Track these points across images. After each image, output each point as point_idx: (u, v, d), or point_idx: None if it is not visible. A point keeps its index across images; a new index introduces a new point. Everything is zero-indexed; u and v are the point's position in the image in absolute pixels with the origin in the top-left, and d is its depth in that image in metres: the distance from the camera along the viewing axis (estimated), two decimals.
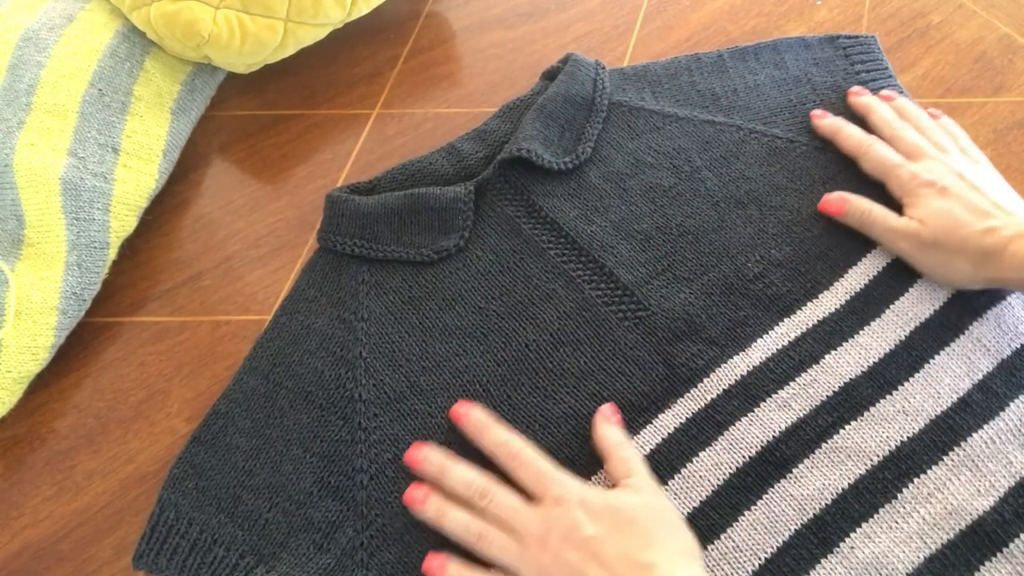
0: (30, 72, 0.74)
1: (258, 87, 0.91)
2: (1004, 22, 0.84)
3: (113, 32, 0.81)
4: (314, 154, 0.85)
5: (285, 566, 0.58)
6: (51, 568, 0.62)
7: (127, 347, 0.73)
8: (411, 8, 0.97)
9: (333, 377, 0.65)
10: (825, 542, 0.55)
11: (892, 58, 0.82)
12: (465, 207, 0.70)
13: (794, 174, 0.71)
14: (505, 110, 0.78)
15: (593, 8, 0.93)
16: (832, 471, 0.57)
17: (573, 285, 0.67)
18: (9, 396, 0.65)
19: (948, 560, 0.54)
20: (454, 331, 0.66)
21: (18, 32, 0.76)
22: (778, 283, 0.65)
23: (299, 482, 0.61)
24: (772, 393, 0.61)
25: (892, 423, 0.59)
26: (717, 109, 0.77)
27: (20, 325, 0.66)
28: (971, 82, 0.80)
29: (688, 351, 0.63)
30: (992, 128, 0.76)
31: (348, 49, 0.93)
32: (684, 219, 0.70)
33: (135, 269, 0.77)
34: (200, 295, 0.75)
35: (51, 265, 0.68)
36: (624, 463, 0.57)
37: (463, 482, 0.57)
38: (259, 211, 0.81)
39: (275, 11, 0.80)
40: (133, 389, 0.70)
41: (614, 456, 0.58)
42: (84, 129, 0.74)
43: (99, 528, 0.64)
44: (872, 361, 0.61)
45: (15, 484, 0.66)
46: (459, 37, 0.93)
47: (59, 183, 0.70)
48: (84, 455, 0.67)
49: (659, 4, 0.92)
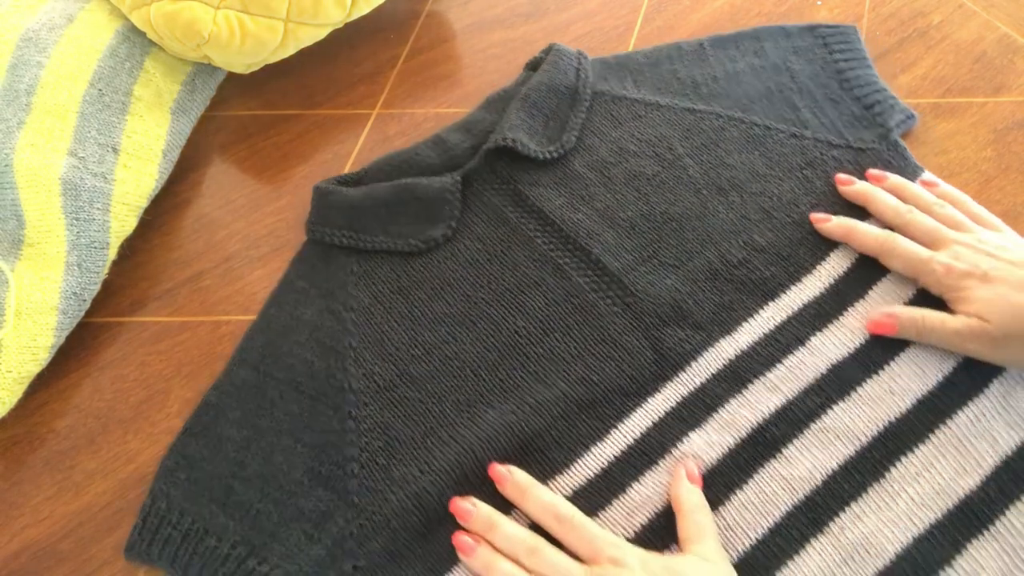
0: (30, 72, 0.73)
1: (258, 87, 0.91)
2: (1004, 22, 0.84)
3: (113, 32, 0.80)
4: (314, 154, 0.84)
5: (276, 556, 0.58)
6: (51, 568, 0.62)
7: (127, 347, 0.72)
8: (411, 8, 0.97)
9: (323, 367, 0.65)
10: (815, 522, 0.56)
11: (892, 58, 0.83)
12: (452, 197, 0.71)
13: (773, 160, 0.72)
14: (490, 100, 0.78)
15: (593, 8, 0.93)
16: (822, 452, 0.58)
17: (561, 272, 0.67)
18: (9, 396, 0.65)
19: (936, 539, 0.54)
20: (443, 319, 0.66)
21: (18, 32, 0.76)
22: (762, 268, 0.66)
23: (290, 472, 0.61)
24: (760, 375, 0.61)
25: (880, 403, 0.59)
26: (697, 97, 0.77)
27: (20, 325, 0.65)
28: (971, 82, 0.80)
29: (675, 336, 0.64)
30: (992, 128, 0.76)
31: (348, 49, 0.93)
32: (668, 206, 0.70)
33: (135, 269, 0.77)
34: (200, 295, 0.75)
35: (51, 265, 0.68)
36: (698, 527, 0.54)
37: (512, 539, 0.55)
38: (259, 211, 0.80)
39: (275, 11, 0.79)
40: (133, 389, 0.70)
41: (689, 519, 0.55)
42: (84, 129, 0.74)
43: (99, 528, 0.63)
44: (858, 342, 0.62)
45: (15, 484, 0.66)
46: (459, 37, 0.93)
47: (59, 183, 0.69)
48: (84, 455, 0.67)
49: (659, 4, 0.92)
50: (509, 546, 0.55)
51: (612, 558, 0.52)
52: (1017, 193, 0.71)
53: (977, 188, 0.72)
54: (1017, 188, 0.70)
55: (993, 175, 0.73)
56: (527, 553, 0.54)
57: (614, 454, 0.60)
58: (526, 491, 0.57)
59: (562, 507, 0.56)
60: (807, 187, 0.70)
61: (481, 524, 0.56)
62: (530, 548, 0.54)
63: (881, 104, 0.75)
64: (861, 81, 0.78)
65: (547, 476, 0.59)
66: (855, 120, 0.75)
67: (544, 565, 0.53)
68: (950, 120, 0.77)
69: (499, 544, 0.55)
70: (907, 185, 0.69)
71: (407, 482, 0.60)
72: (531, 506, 0.56)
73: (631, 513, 0.57)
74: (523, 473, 0.58)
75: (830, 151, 0.72)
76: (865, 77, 0.78)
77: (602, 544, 0.53)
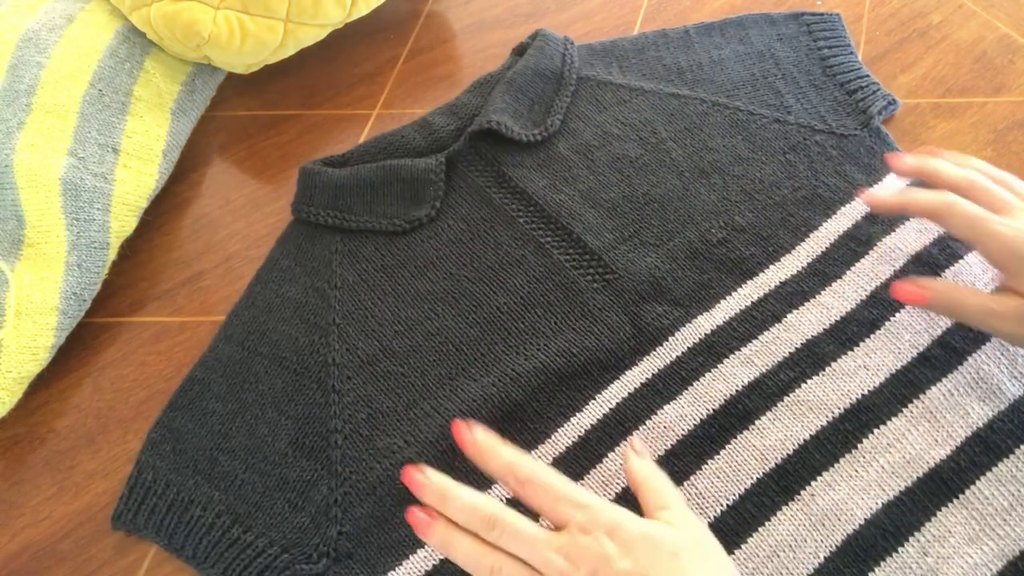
0: (30, 72, 0.74)
1: (258, 87, 0.92)
2: (1004, 22, 0.84)
3: (113, 32, 0.81)
4: (314, 154, 0.84)
5: (261, 525, 0.60)
6: (51, 568, 0.62)
7: (127, 347, 0.73)
8: (411, 8, 0.97)
9: (307, 343, 0.67)
10: (786, 490, 0.57)
11: (892, 58, 0.83)
12: (436, 178, 0.72)
13: (756, 145, 0.73)
14: (476, 84, 0.80)
15: (593, 8, 0.93)
16: (794, 423, 0.59)
17: (542, 251, 0.68)
18: (9, 396, 0.65)
19: (905, 506, 0.55)
20: (426, 296, 0.68)
21: (18, 32, 0.76)
22: (741, 247, 0.67)
23: (274, 443, 0.63)
24: (736, 350, 0.62)
25: (853, 378, 0.60)
26: (682, 83, 0.78)
27: (20, 325, 0.66)
28: (971, 82, 0.80)
29: (654, 311, 0.65)
30: (992, 128, 0.76)
31: (348, 49, 0.94)
32: (650, 188, 0.71)
33: (135, 269, 0.78)
34: (200, 295, 0.75)
35: (51, 265, 0.69)
36: (657, 494, 0.50)
37: (467, 509, 0.49)
38: (259, 211, 0.81)
39: (275, 11, 0.80)
40: (133, 389, 0.70)
41: (645, 486, 0.51)
42: (84, 129, 0.74)
43: (99, 528, 0.63)
44: (834, 319, 0.63)
45: (15, 484, 0.66)
46: (459, 37, 0.94)
47: (59, 183, 0.70)
48: (84, 455, 0.67)
49: (659, 4, 0.92)
50: (466, 519, 0.49)
51: (580, 524, 0.46)
52: None
53: None
54: None
55: None
56: (486, 526, 0.48)
57: (591, 423, 0.61)
58: (487, 453, 0.51)
59: (523, 466, 0.50)
60: (789, 171, 0.71)
61: (434, 496, 0.51)
62: (489, 519, 0.48)
63: (864, 91, 0.76)
64: (844, 68, 0.78)
65: (528, 446, 0.60)
66: (838, 106, 0.76)
67: (506, 538, 0.47)
68: (950, 120, 0.77)
69: (455, 517, 0.49)
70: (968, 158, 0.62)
71: (392, 452, 0.61)
72: (492, 467, 0.51)
73: (607, 482, 0.59)
74: (484, 433, 0.52)
75: (813, 136, 0.73)
76: (848, 64, 0.79)
77: (568, 508, 0.47)
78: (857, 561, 0.54)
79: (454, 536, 0.49)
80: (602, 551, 0.45)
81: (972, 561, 0.53)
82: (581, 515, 0.47)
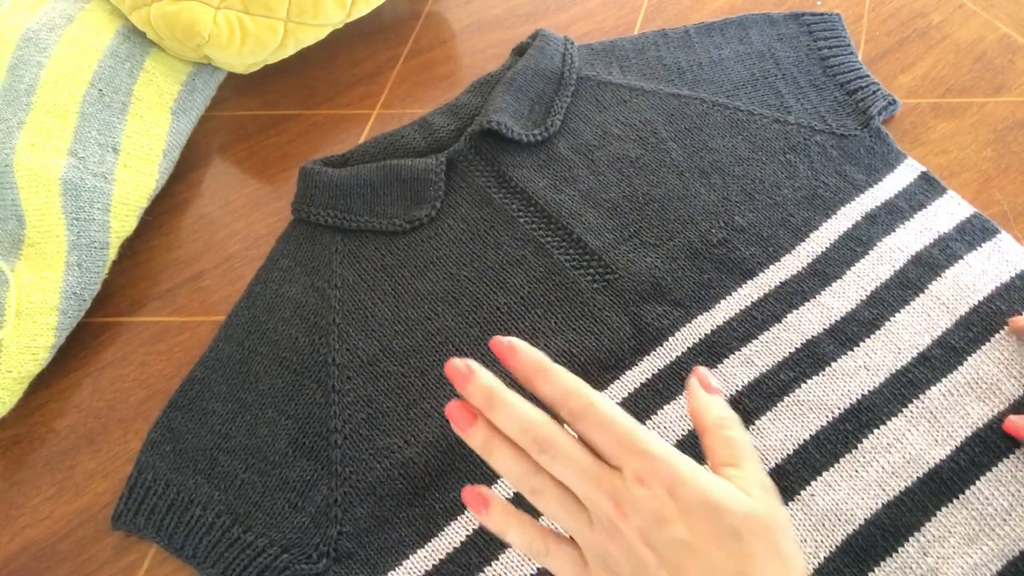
0: (30, 72, 0.74)
1: (258, 87, 0.91)
2: (1004, 22, 0.84)
3: (113, 32, 0.81)
4: (314, 154, 0.84)
5: (261, 525, 0.59)
6: (51, 568, 0.62)
7: (127, 347, 0.72)
8: (411, 8, 0.97)
9: (307, 343, 0.67)
10: (786, 490, 0.57)
11: (892, 58, 0.83)
12: (436, 178, 0.72)
13: (756, 144, 0.73)
14: (476, 84, 0.80)
15: (593, 8, 0.93)
16: (794, 423, 0.59)
17: (542, 251, 0.68)
18: (9, 396, 0.65)
19: (906, 506, 0.55)
20: (426, 296, 0.68)
21: (18, 32, 0.76)
22: (741, 248, 0.67)
23: (274, 443, 0.63)
24: (735, 350, 0.62)
25: (853, 378, 0.60)
26: (682, 83, 0.78)
27: (20, 325, 0.66)
28: (971, 82, 0.80)
29: (654, 311, 0.65)
30: (992, 128, 0.76)
31: (348, 49, 0.94)
32: (650, 188, 0.71)
33: (135, 269, 0.77)
34: (200, 295, 0.75)
35: (51, 265, 0.69)
36: (728, 445, 0.43)
37: (519, 424, 0.42)
38: (259, 211, 0.81)
39: (275, 11, 0.80)
40: (133, 389, 0.70)
41: (714, 434, 0.44)
42: (84, 129, 0.74)
43: (99, 528, 0.63)
44: (834, 320, 0.63)
45: (15, 484, 0.66)
46: (459, 37, 0.93)
47: (59, 183, 0.70)
48: (84, 455, 0.67)
49: (659, 4, 0.92)
50: (516, 432, 0.42)
51: (638, 473, 0.40)
52: (1017, 193, 0.71)
53: (977, 188, 0.72)
54: (1017, 188, 0.70)
55: (993, 175, 0.73)
56: (538, 447, 0.41)
57: None
58: (541, 372, 0.43)
59: (582, 395, 0.42)
60: (789, 171, 0.71)
61: (481, 396, 0.43)
62: (543, 441, 0.41)
63: (864, 91, 0.76)
64: (844, 68, 0.79)
65: None
66: (838, 106, 0.76)
67: (557, 466, 0.41)
68: (950, 120, 0.77)
69: (503, 426, 0.42)
70: None
71: (392, 452, 0.61)
72: (549, 391, 0.42)
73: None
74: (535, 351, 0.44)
75: (813, 136, 0.73)
76: (848, 64, 0.79)
77: (630, 452, 0.40)
78: (857, 561, 0.54)
79: (496, 443, 0.43)
80: (658, 509, 0.39)
81: (972, 561, 0.53)
82: (638, 462, 0.40)
